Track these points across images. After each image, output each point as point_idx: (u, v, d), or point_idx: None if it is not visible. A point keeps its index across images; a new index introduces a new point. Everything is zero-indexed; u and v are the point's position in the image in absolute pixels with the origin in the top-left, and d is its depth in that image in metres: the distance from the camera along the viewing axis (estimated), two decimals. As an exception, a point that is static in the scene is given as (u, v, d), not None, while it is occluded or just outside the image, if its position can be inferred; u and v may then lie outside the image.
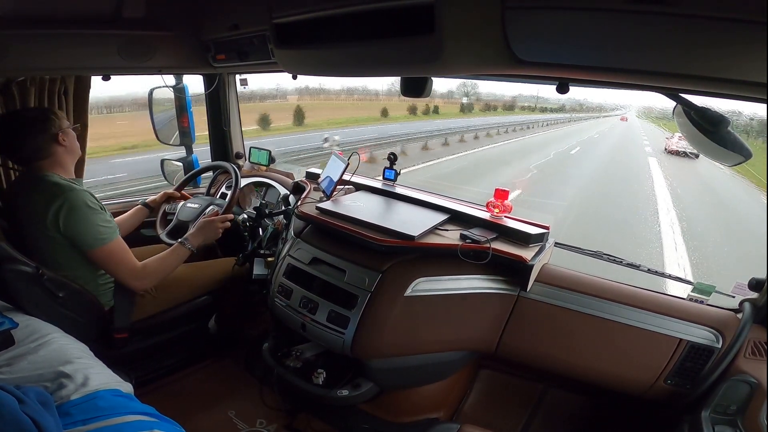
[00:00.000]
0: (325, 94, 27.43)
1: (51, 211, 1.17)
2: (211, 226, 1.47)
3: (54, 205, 1.17)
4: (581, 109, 40.15)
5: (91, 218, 1.21)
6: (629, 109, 49.02)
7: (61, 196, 1.18)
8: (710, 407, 1.04)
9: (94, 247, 1.22)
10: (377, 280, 1.24)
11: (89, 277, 1.30)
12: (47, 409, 0.74)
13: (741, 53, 0.54)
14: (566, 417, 1.45)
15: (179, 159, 2.06)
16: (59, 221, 1.18)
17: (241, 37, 1.36)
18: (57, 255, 1.23)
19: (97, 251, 1.23)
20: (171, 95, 1.97)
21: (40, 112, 1.26)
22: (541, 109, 36.49)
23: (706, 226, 6.69)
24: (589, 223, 6.13)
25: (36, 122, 1.22)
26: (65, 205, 1.18)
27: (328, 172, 1.59)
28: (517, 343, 1.30)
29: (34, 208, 1.19)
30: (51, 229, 1.18)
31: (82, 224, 1.19)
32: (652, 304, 1.18)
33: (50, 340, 1.01)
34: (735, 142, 0.78)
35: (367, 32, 0.75)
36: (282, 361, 1.38)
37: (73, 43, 1.29)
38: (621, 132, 25.03)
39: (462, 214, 1.44)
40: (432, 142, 13.29)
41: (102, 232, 1.22)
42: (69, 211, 1.18)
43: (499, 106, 34.93)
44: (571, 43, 0.66)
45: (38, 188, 1.20)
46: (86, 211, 1.20)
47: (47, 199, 1.18)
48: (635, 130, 25.76)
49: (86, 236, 1.20)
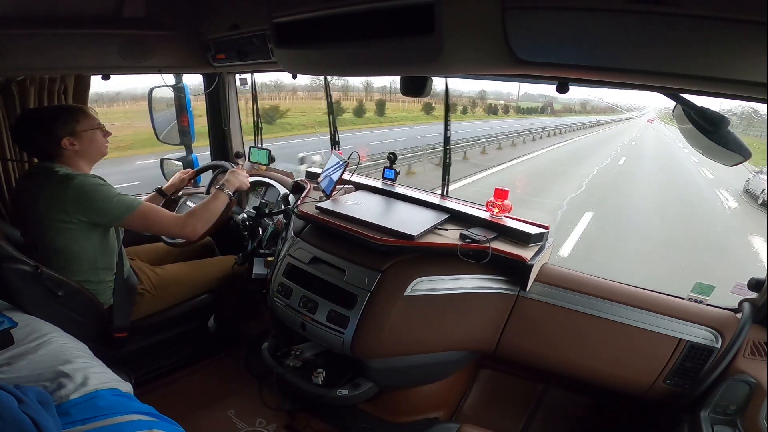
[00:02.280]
0: (354, 90, 26.34)
1: (68, 196, 1.17)
2: (238, 176, 1.52)
3: (70, 189, 1.17)
4: (593, 110, 39.67)
5: (109, 192, 1.22)
6: (646, 111, 48.71)
7: (73, 180, 1.18)
8: (710, 407, 1.04)
9: (124, 215, 1.23)
10: (377, 279, 1.24)
11: (92, 272, 1.29)
12: (47, 408, 0.74)
13: (741, 53, 0.53)
14: (566, 417, 1.45)
15: (179, 158, 2.06)
16: (79, 203, 1.18)
17: (240, 37, 1.36)
18: (73, 243, 1.23)
19: (129, 218, 1.24)
20: (171, 94, 1.97)
21: (55, 113, 1.24)
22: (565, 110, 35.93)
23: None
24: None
25: (43, 123, 1.21)
26: (81, 187, 1.18)
27: (327, 172, 1.59)
28: (517, 342, 1.30)
29: (49, 198, 1.19)
30: (71, 213, 1.18)
31: (102, 199, 1.20)
32: (651, 303, 1.18)
33: (50, 340, 1.01)
34: (735, 141, 0.78)
35: (367, 32, 0.75)
36: (282, 361, 1.38)
37: (73, 42, 1.29)
38: (655, 137, 23.20)
39: (462, 214, 1.44)
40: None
41: (124, 201, 1.24)
42: (86, 191, 1.18)
43: (509, 108, 34.16)
44: (571, 42, 0.66)
45: (50, 180, 1.20)
46: (102, 187, 1.22)
47: (62, 187, 1.18)
48: (666, 136, 24.21)
49: (111, 209, 1.21)
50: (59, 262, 1.23)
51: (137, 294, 1.40)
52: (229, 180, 1.48)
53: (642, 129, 29.23)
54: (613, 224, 6.52)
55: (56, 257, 1.23)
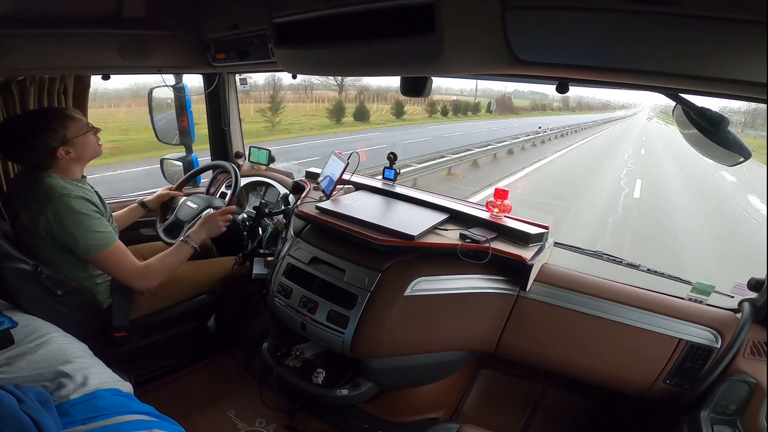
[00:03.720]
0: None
1: (42, 217, 1.15)
2: (213, 222, 1.46)
3: (45, 211, 1.14)
4: (578, 108, 39.14)
5: (85, 225, 1.18)
6: (640, 108, 48.48)
7: (52, 202, 1.15)
8: (709, 407, 1.04)
9: (90, 253, 1.20)
10: (377, 279, 1.24)
11: (85, 275, 1.29)
12: (47, 408, 0.74)
13: (741, 53, 0.54)
14: (566, 417, 1.45)
15: (179, 158, 2.06)
16: (52, 228, 1.15)
17: (240, 37, 1.36)
18: (52, 256, 1.22)
19: (93, 257, 1.21)
20: (171, 94, 1.97)
21: (40, 122, 1.17)
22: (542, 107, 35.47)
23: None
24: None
25: (35, 134, 1.15)
26: (56, 212, 1.14)
27: (327, 172, 1.59)
28: (517, 342, 1.30)
29: (29, 210, 1.17)
30: (44, 233, 1.16)
31: (74, 232, 1.16)
32: (651, 304, 1.18)
33: (50, 340, 1.01)
34: (735, 142, 0.78)
35: (367, 32, 0.75)
36: (282, 361, 1.38)
37: (73, 42, 1.29)
38: (662, 142, 21.51)
39: (462, 214, 1.44)
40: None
41: (97, 238, 1.19)
42: (60, 218, 1.15)
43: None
44: (571, 42, 0.66)
45: (34, 190, 1.17)
46: (79, 218, 1.17)
47: (40, 204, 1.15)
48: (670, 136, 23.25)
49: (80, 244, 1.18)
50: (51, 263, 1.22)
51: (136, 293, 1.40)
52: (195, 231, 1.42)
53: (643, 129, 28.29)
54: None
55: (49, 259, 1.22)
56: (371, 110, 23.14)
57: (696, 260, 5.15)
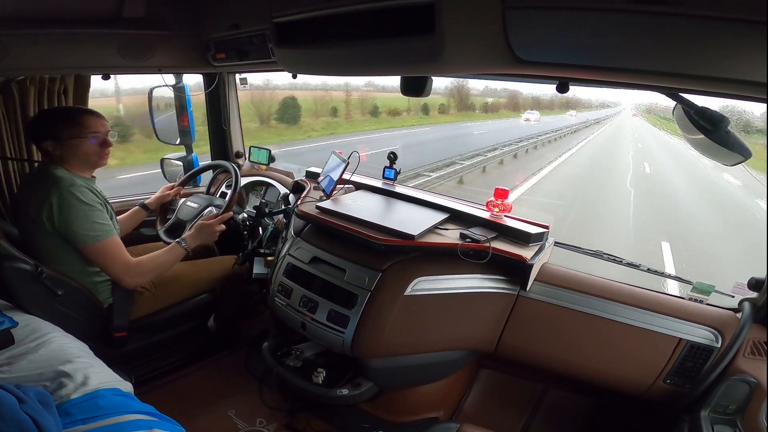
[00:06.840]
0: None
1: (46, 204, 1.17)
2: (208, 229, 1.47)
3: (51, 198, 1.17)
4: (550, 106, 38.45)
5: (85, 214, 1.20)
6: (622, 106, 48.32)
7: (58, 191, 1.17)
8: (710, 407, 1.04)
9: (85, 243, 1.21)
10: (377, 279, 1.24)
11: (85, 273, 1.29)
12: (47, 408, 0.74)
13: (741, 53, 0.54)
14: (566, 417, 1.45)
15: (179, 158, 2.06)
16: (53, 215, 1.17)
17: (240, 37, 1.36)
18: (53, 250, 1.23)
19: (88, 248, 1.22)
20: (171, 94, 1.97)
21: (34, 120, 1.28)
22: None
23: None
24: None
25: (29, 128, 1.28)
26: (60, 199, 1.17)
27: (327, 172, 1.59)
28: (517, 342, 1.30)
29: (36, 199, 1.19)
30: (46, 222, 1.18)
31: (74, 220, 1.18)
32: (651, 303, 1.18)
33: (50, 339, 1.01)
34: (735, 141, 0.78)
35: (367, 32, 0.75)
36: (282, 361, 1.38)
37: (73, 42, 1.29)
38: (657, 142, 20.72)
39: (462, 214, 1.44)
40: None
41: (95, 229, 1.21)
42: (62, 205, 1.17)
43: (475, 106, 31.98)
44: (572, 42, 0.66)
45: (43, 181, 1.20)
46: (80, 206, 1.19)
47: (45, 192, 1.17)
48: (661, 135, 22.93)
49: (77, 232, 1.19)
50: (52, 261, 1.23)
51: (136, 293, 1.40)
52: (191, 236, 1.44)
53: (634, 129, 26.88)
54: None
55: (48, 257, 1.23)
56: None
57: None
